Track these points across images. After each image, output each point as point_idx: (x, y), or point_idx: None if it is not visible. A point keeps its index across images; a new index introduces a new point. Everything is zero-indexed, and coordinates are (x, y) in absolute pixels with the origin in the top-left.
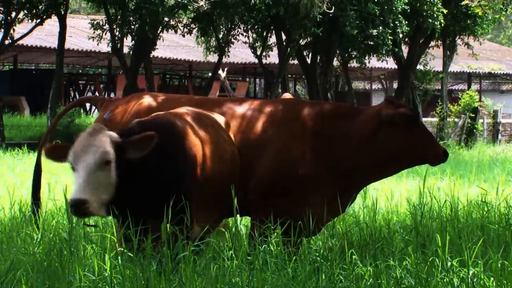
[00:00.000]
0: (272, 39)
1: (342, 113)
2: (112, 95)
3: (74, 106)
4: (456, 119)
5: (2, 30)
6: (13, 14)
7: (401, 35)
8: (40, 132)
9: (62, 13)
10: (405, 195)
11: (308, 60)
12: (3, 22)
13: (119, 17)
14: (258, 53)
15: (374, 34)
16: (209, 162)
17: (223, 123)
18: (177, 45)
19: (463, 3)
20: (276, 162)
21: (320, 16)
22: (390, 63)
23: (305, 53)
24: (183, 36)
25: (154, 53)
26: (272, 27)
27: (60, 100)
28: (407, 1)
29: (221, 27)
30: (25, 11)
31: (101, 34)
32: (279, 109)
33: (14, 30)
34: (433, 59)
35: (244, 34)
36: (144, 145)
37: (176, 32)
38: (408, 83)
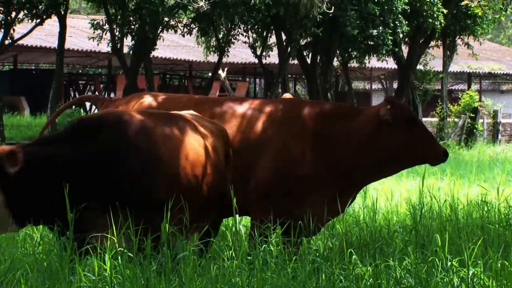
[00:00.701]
0: (272, 39)
1: (342, 113)
2: (112, 95)
3: (74, 104)
4: (456, 119)
5: (2, 30)
6: (13, 14)
7: (401, 35)
8: None
9: (62, 13)
10: (405, 195)
11: (308, 60)
12: (3, 22)
13: (119, 17)
14: (258, 53)
15: (374, 34)
16: (176, 164)
17: (215, 130)
18: (177, 45)
19: (463, 3)
20: (276, 162)
21: (320, 16)
22: (390, 63)
23: (305, 53)
24: (183, 36)
25: (154, 53)
26: (272, 27)
27: (60, 100)
28: (407, 1)
29: (221, 27)
30: (25, 11)
31: (101, 34)
32: (279, 109)
33: (14, 30)
34: (433, 59)
35: (244, 34)
36: (9, 161)
37: (176, 32)
38: (408, 83)
